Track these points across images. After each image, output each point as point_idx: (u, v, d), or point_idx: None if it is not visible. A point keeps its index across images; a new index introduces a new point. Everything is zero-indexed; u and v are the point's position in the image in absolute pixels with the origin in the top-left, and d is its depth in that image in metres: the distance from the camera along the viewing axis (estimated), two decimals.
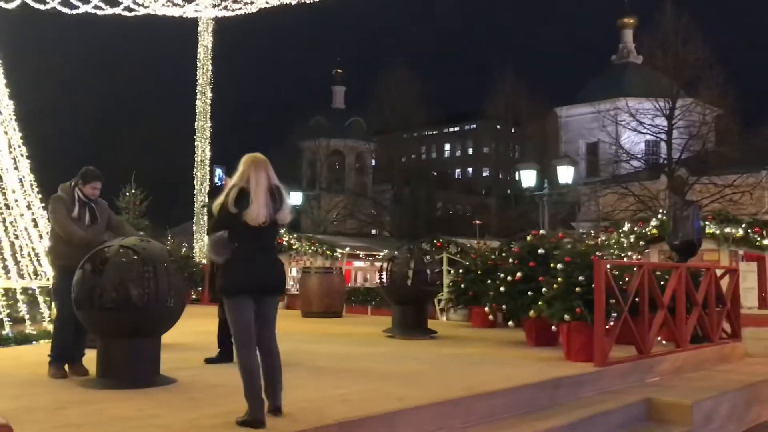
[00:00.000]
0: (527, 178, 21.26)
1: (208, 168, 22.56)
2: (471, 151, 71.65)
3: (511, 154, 59.66)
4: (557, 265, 7.75)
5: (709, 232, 12.68)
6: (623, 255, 9.85)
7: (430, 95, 67.25)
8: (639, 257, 9.92)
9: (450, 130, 70.21)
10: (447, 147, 73.85)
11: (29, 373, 6.39)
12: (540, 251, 8.98)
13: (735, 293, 9.84)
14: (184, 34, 23.15)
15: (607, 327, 7.28)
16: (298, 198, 28.93)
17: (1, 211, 9.91)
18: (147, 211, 19.77)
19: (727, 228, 12.89)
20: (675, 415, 6.39)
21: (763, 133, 32.06)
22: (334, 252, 20.41)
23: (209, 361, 7.13)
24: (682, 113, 34.81)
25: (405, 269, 9.90)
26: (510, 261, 9.67)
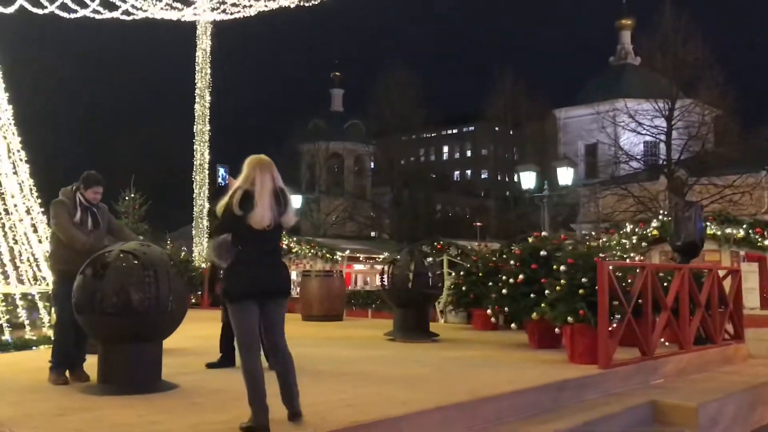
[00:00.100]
0: (527, 179, 21.22)
1: (207, 171, 22.53)
2: (470, 153, 71.70)
3: (510, 156, 59.71)
4: (560, 267, 7.72)
5: (710, 233, 12.68)
6: (625, 256, 9.83)
7: (428, 96, 67.19)
8: (641, 258, 9.89)
9: (449, 132, 70.27)
10: (446, 149, 73.88)
11: (30, 379, 6.34)
12: (542, 253, 8.94)
13: (737, 294, 9.81)
14: (182, 37, 23.15)
15: (611, 329, 7.25)
16: (297, 201, 28.90)
17: (0, 216, 9.86)
18: (146, 216, 19.73)
19: (728, 229, 12.90)
20: (680, 418, 6.35)
21: (763, 133, 32.05)
22: (333, 255, 20.40)
23: (211, 366, 7.09)
24: (681, 114, 34.80)
25: (406, 272, 9.86)
26: (511, 263, 9.63)
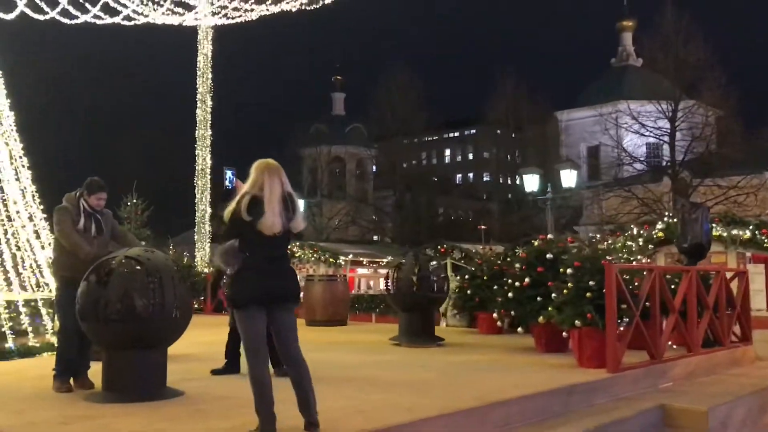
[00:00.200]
0: (530, 182, 21.18)
1: (209, 176, 22.46)
2: (471, 156, 71.67)
3: (512, 158, 59.66)
4: (567, 270, 7.66)
5: (716, 234, 12.63)
6: (632, 259, 9.77)
7: (430, 99, 67.38)
8: (648, 260, 9.83)
9: (450, 135, 70.27)
10: (447, 152, 73.87)
11: (33, 387, 6.29)
12: (548, 256, 8.88)
13: (745, 296, 9.75)
14: (184, 41, 23.13)
15: (619, 332, 7.19)
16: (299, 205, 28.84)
17: (3, 223, 9.81)
18: (148, 221, 19.71)
19: (734, 230, 12.84)
20: (690, 422, 6.28)
21: (765, 134, 32.02)
22: (337, 259, 20.37)
23: (215, 373, 7.03)
24: (684, 115, 34.76)
25: (411, 276, 9.78)
26: (516, 266, 9.57)
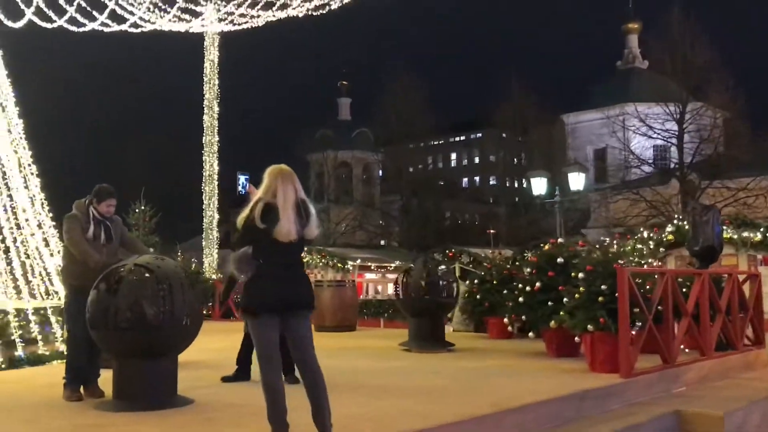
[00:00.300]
0: (538, 185, 21.11)
1: (216, 182, 22.46)
2: (477, 160, 71.58)
3: (518, 161, 59.54)
4: (578, 275, 7.60)
5: (727, 236, 12.52)
6: (643, 262, 9.70)
7: (436, 103, 67.29)
8: (659, 264, 9.76)
9: (456, 139, 70.22)
10: (453, 156, 73.80)
11: (43, 396, 6.27)
12: (559, 260, 8.82)
13: (758, 299, 9.66)
14: (190, 47, 23.16)
15: (631, 336, 7.12)
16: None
17: (12, 231, 9.82)
18: (156, 228, 19.71)
19: (745, 232, 12.75)
20: (706, 427, 6.21)
21: None
22: (345, 264, 20.33)
23: (226, 380, 6.99)
24: (692, 117, 34.63)
25: (420, 281, 9.73)
26: (526, 270, 9.51)
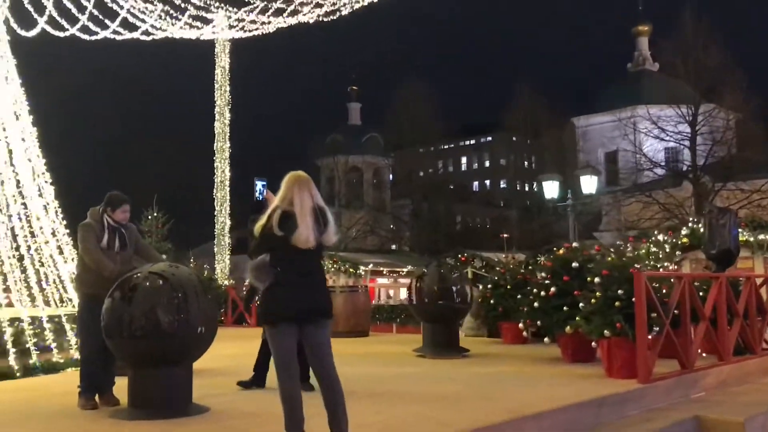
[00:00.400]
0: (550, 189, 21.01)
1: (228, 189, 22.50)
2: (488, 164, 71.48)
3: (529, 165, 59.39)
4: (594, 279, 7.53)
5: (742, 239, 12.40)
6: (658, 266, 9.60)
7: (446, 107, 67.20)
8: (675, 267, 9.67)
9: (466, 143, 70.15)
10: (464, 160, 73.74)
11: (59, 404, 6.26)
12: (573, 265, 8.74)
13: None
14: (201, 54, 23.23)
15: (649, 341, 7.04)
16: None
17: (26, 239, 9.85)
18: (169, 234, 19.74)
19: (761, 235, 12.62)
20: None
21: None
22: (357, 270, 20.29)
23: (242, 384, 6.95)
24: (705, 119, 34.40)
25: (434, 286, 9.67)
26: (541, 275, 9.43)
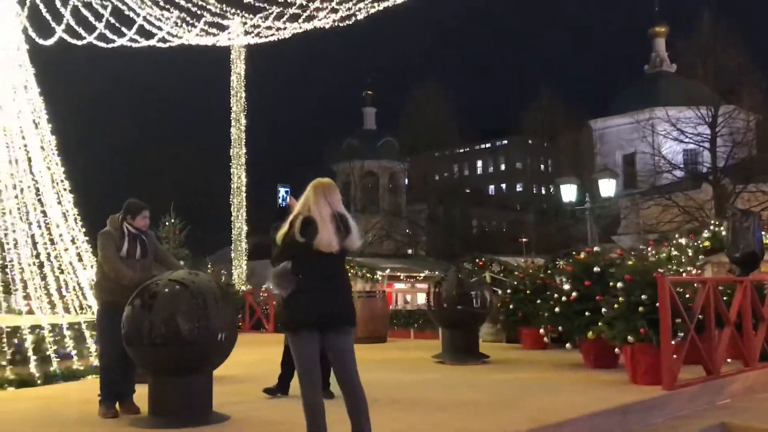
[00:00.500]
0: (567, 192, 20.86)
1: (244, 194, 22.53)
2: (504, 167, 71.21)
3: (545, 168, 59.10)
4: (617, 284, 7.42)
5: (766, 242, 12.20)
6: (681, 270, 9.47)
7: (460, 110, 67.05)
8: (698, 272, 9.52)
9: (482, 146, 69.91)
10: (479, 163, 73.47)
11: (79, 412, 6.26)
12: (595, 269, 8.63)
13: None
14: (216, 60, 23.30)
15: (673, 347, 6.93)
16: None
17: (46, 246, 9.90)
18: (186, 241, 19.80)
19: None
20: None
21: None
22: (374, 274, 20.23)
23: (267, 392, 6.88)
24: (725, 120, 34.05)
25: (454, 292, 9.59)
26: (562, 279, 9.33)
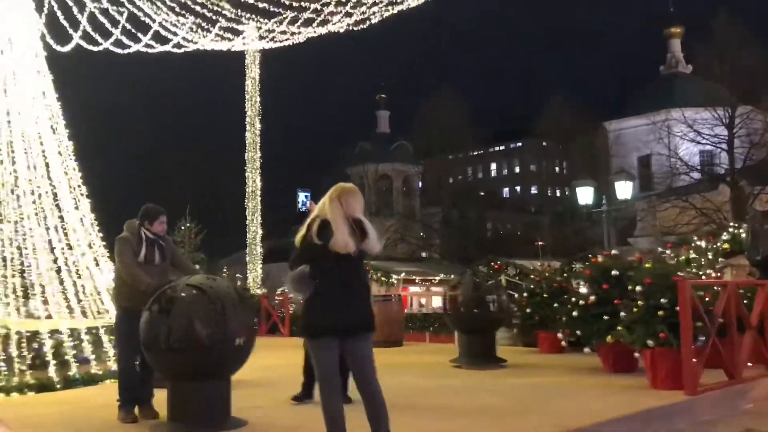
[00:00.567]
0: (583, 194, 20.74)
1: (259, 198, 22.58)
2: (518, 170, 70.95)
3: (560, 170, 58.78)
4: (635, 288, 7.35)
5: None
6: (701, 273, 9.39)
7: (474, 112, 66.76)
8: (718, 275, 9.43)
9: (496, 149, 69.68)
10: (493, 166, 73.24)
11: (99, 418, 6.28)
12: (613, 273, 8.56)
13: None
14: (231, 65, 23.37)
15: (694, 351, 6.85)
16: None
17: (64, 251, 9.95)
18: (201, 245, 19.83)
19: None
20: None
21: None
22: (389, 278, 20.16)
23: (296, 399, 6.75)
24: (742, 121, 33.70)
25: (471, 296, 9.55)
26: (579, 283, 9.27)
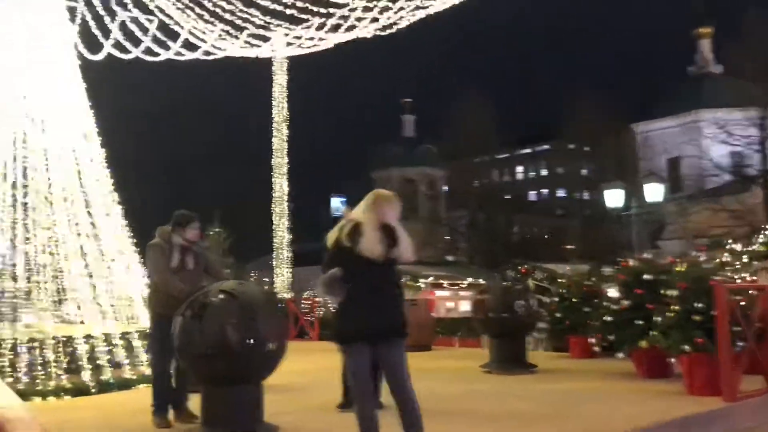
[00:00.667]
0: (613, 197, 20.51)
1: (286, 203, 22.69)
2: (545, 172, 70.46)
3: (588, 173, 58.20)
4: (670, 292, 7.23)
5: None
6: (736, 277, 9.20)
7: (501, 116, 66.44)
8: (754, 278, 9.24)
9: (522, 152, 69.28)
10: (520, 169, 72.81)
11: (135, 422, 6.36)
12: (645, 277, 8.43)
13: None
14: (258, 71, 23.50)
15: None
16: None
17: (96, 257, 10.07)
18: (230, 249, 19.94)
19: None
20: None
21: None
22: (416, 282, 20.08)
23: (341, 408, 6.59)
24: None
25: (501, 300, 9.49)
26: (602, 286, 9.17)
